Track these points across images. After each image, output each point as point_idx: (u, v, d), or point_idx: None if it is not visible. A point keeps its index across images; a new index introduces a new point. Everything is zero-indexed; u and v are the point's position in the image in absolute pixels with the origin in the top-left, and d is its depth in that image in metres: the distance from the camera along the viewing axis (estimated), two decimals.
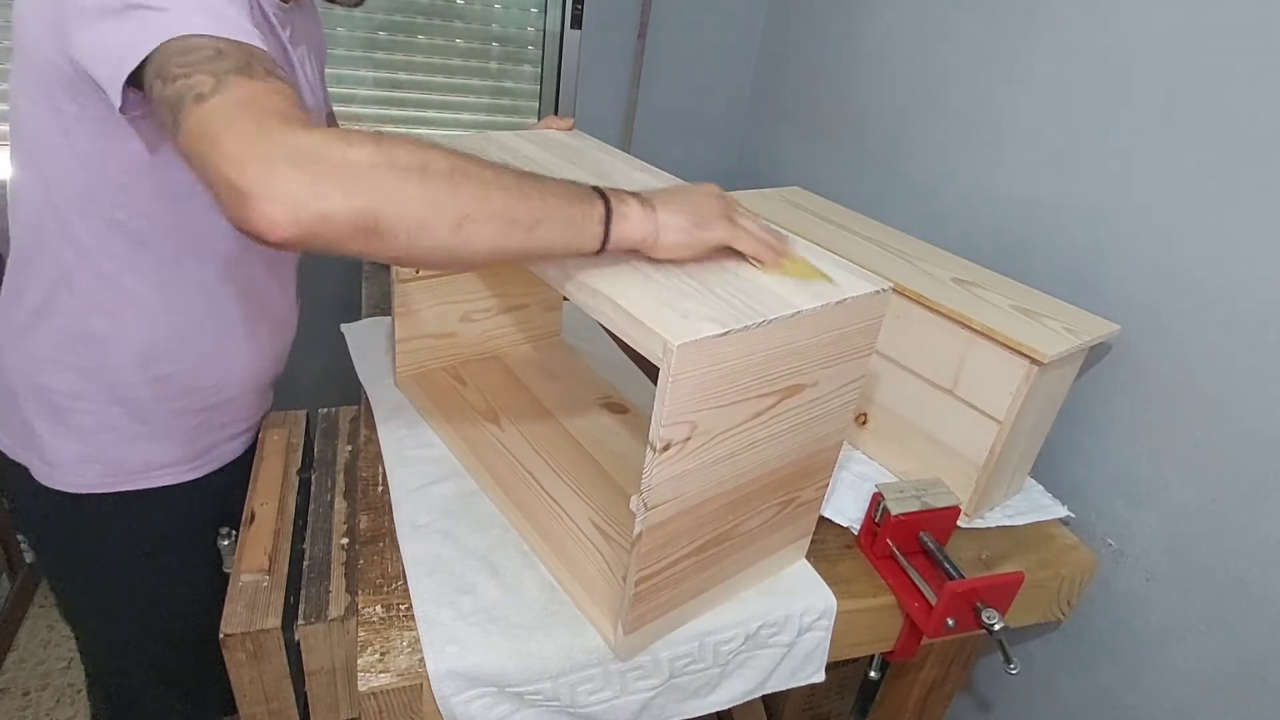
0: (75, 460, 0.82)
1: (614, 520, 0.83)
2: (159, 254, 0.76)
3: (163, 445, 0.86)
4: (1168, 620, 0.92)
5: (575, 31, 1.70)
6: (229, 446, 0.95)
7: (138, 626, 0.96)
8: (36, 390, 0.80)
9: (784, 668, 0.80)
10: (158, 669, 1.00)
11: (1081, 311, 0.93)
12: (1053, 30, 1.05)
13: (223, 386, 0.89)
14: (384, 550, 0.78)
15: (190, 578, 0.94)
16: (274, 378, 1.00)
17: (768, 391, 0.62)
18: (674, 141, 1.89)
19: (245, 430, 0.97)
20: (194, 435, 0.88)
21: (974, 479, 0.91)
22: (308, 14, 0.91)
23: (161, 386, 0.82)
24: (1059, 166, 1.05)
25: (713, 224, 0.64)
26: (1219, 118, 0.85)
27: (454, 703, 0.66)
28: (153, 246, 0.76)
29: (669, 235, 0.61)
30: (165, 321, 0.80)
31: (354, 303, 1.33)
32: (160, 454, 0.86)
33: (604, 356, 1.14)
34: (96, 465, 0.83)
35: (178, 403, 0.85)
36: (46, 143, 0.69)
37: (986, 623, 0.76)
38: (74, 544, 0.88)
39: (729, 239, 0.64)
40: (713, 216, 0.64)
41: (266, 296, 0.91)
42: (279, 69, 0.56)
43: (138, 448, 0.84)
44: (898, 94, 1.36)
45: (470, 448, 0.90)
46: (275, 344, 0.96)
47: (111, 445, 0.83)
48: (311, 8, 0.92)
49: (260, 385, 0.96)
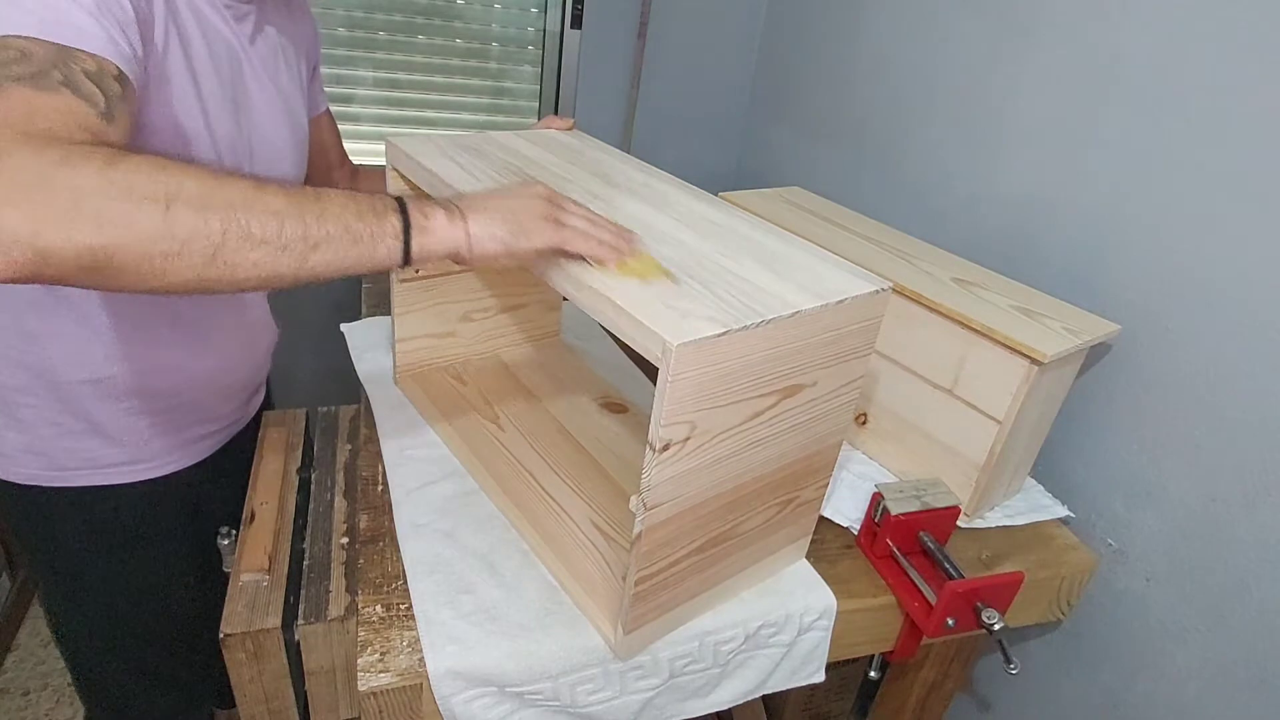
0: (20, 451, 0.83)
1: (614, 520, 0.83)
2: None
3: (109, 443, 0.85)
4: (1168, 620, 0.92)
5: (575, 31, 1.70)
6: (196, 446, 0.93)
7: (109, 620, 0.95)
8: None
9: (784, 668, 0.80)
10: (137, 663, 1.00)
11: (1081, 311, 0.93)
12: (1052, 30, 1.05)
13: (178, 390, 0.87)
14: (384, 550, 0.78)
15: (165, 573, 0.94)
16: (248, 381, 0.99)
17: (767, 391, 0.62)
18: (674, 141, 1.89)
19: (215, 431, 0.96)
20: (149, 436, 0.87)
21: (974, 479, 0.91)
22: (292, 9, 0.89)
23: (103, 388, 0.82)
24: (1059, 166, 1.05)
25: (533, 231, 0.60)
26: (1219, 118, 0.85)
27: (454, 702, 0.66)
28: None
29: (482, 246, 0.59)
30: (98, 326, 0.78)
31: (354, 303, 1.33)
32: (107, 452, 0.85)
33: (604, 356, 1.14)
34: (40, 458, 0.83)
35: (124, 403, 0.84)
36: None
37: (986, 623, 0.76)
38: (34, 536, 0.89)
39: (556, 243, 0.60)
40: (534, 220, 0.60)
41: (226, 304, 0.89)
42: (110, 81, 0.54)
43: (81, 444, 0.84)
44: (898, 94, 1.36)
45: (470, 447, 0.90)
46: (242, 349, 0.94)
47: (54, 440, 0.83)
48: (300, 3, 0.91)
49: (227, 389, 0.94)
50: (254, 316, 0.96)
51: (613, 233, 0.63)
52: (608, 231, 0.63)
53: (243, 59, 0.80)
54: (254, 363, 0.98)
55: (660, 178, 0.86)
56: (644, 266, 0.62)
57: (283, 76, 0.88)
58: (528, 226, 0.60)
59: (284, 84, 0.88)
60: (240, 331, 0.93)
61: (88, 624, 0.96)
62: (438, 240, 0.58)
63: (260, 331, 0.98)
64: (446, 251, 0.59)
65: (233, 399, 0.97)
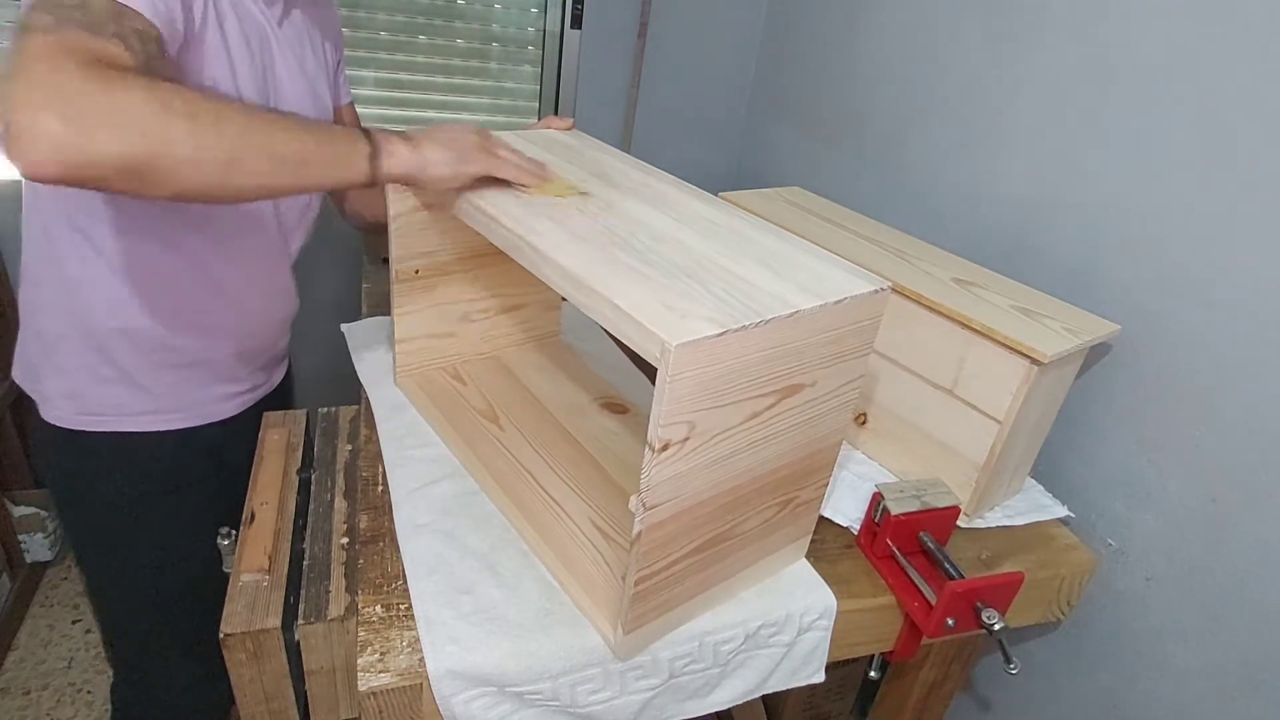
0: (59, 395, 0.89)
1: (614, 520, 0.83)
2: (123, 210, 0.81)
3: (137, 392, 0.90)
4: (1168, 620, 0.92)
5: (575, 31, 1.70)
6: (219, 406, 0.98)
7: (140, 571, 0.99)
8: (36, 330, 0.88)
9: (784, 668, 0.80)
10: (162, 619, 1.03)
11: (1081, 311, 0.93)
12: (1052, 30, 1.05)
13: (203, 347, 0.93)
14: (384, 550, 0.78)
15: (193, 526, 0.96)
16: (267, 346, 1.03)
17: (766, 391, 0.62)
18: (674, 141, 1.89)
19: (237, 394, 1.01)
20: (175, 388, 0.93)
21: (974, 479, 0.91)
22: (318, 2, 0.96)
23: (134, 337, 0.87)
24: (1059, 166, 1.05)
25: (472, 157, 0.72)
26: (1219, 118, 0.85)
27: (454, 702, 0.66)
28: (118, 204, 0.80)
29: (433, 170, 0.70)
30: (133, 277, 0.84)
31: (354, 303, 1.33)
32: (136, 400, 0.91)
33: (603, 356, 1.14)
34: (76, 401, 0.89)
35: (153, 356, 0.89)
36: None
37: (986, 623, 0.76)
38: (73, 481, 0.94)
39: (490, 169, 0.73)
40: (472, 149, 0.72)
41: (258, 266, 0.94)
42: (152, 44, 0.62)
43: (112, 390, 0.89)
44: (898, 94, 1.36)
45: (470, 447, 0.90)
46: (267, 315, 0.99)
47: (89, 386, 0.89)
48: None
49: (249, 353, 0.99)
50: (280, 284, 1.00)
51: (531, 162, 0.77)
52: (527, 162, 0.77)
53: (272, 40, 0.86)
54: (273, 328, 1.03)
55: (660, 178, 0.86)
56: (557, 187, 0.77)
57: (309, 61, 0.93)
58: (468, 155, 0.72)
59: (310, 68, 0.93)
60: (263, 296, 0.98)
61: (122, 578, 0.99)
62: (398, 162, 0.69)
63: (282, 298, 1.02)
64: (404, 172, 0.69)
65: (251, 363, 1.02)
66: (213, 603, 0.74)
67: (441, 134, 0.73)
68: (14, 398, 1.63)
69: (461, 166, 0.72)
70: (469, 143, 0.73)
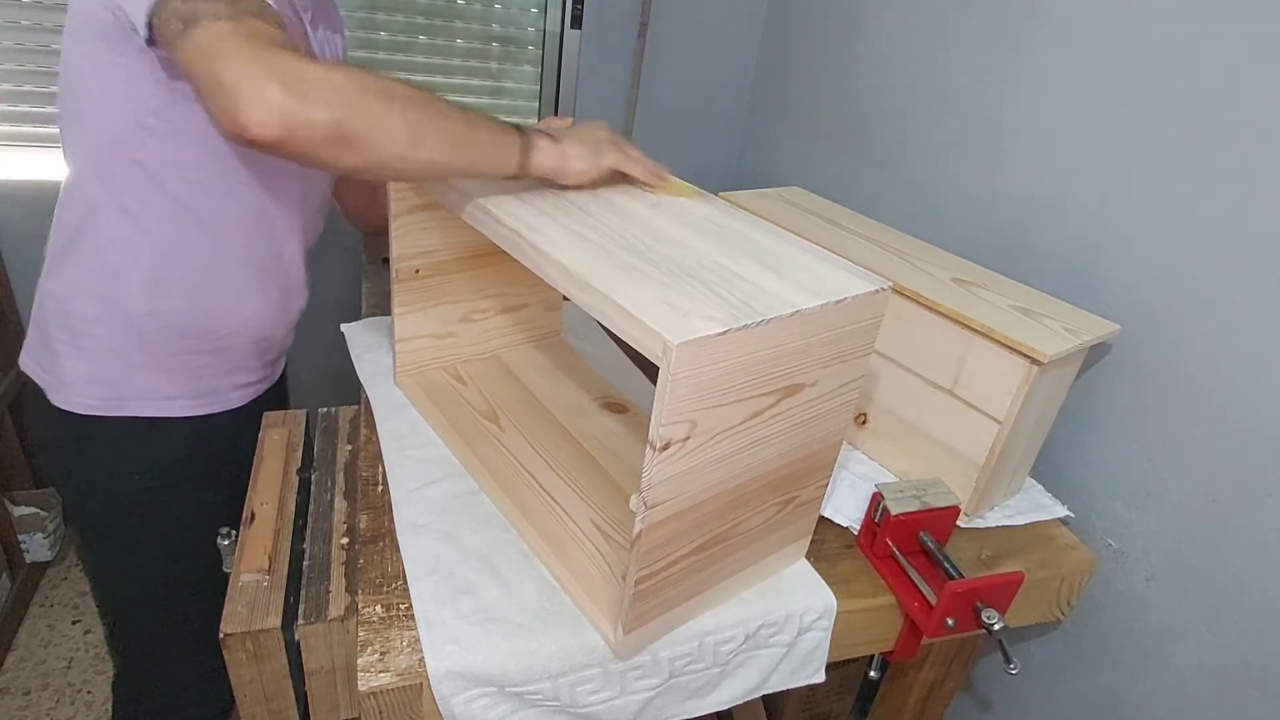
0: (83, 380, 0.89)
1: (614, 520, 0.83)
2: (175, 196, 0.84)
3: (165, 378, 0.92)
4: (1168, 620, 0.92)
5: (575, 31, 1.70)
6: (233, 394, 1.00)
7: (150, 562, 0.99)
8: (64, 314, 0.88)
9: (784, 668, 0.80)
10: (171, 612, 1.02)
11: (1081, 311, 0.93)
12: (1052, 30, 1.05)
13: (227, 334, 0.95)
14: (384, 550, 0.78)
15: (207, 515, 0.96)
16: (279, 337, 1.04)
17: (767, 391, 0.62)
18: (674, 141, 1.89)
19: (248, 383, 1.02)
20: (197, 375, 0.95)
21: (974, 479, 0.91)
22: (329, 14, 1.00)
23: (166, 323, 0.89)
24: (1058, 166, 1.05)
25: (606, 150, 0.77)
26: (1218, 118, 0.85)
27: (454, 703, 0.66)
28: (170, 189, 0.83)
29: (574, 163, 0.75)
30: (174, 262, 0.87)
31: (354, 303, 1.33)
32: (161, 386, 0.92)
33: (604, 356, 1.14)
34: (100, 386, 0.90)
35: (182, 342, 0.91)
36: (88, 91, 0.78)
37: (986, 623, 0.76)
38: (82, 469, 0.94)
39: (620, 163, 0.78)
40: (605, 144, 0.78)
41: (281, 257, 0.96)
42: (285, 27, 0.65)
43: (140, 375, 0.91)
44: (897, 94, 1.36)
45: (470, 448, 0.90)
46: (284, 306, 1.01)
47: (118, 370, 0.90)
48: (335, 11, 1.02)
49: (264, 340, 1.00)
50: (299, 275, 1.02)
51: (655, 164, 0.83)
52: (652, 162, 0.83)
53: (312, 42, 0.92)
54: (287, 320, 1.04)
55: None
56: (680, 188, 0.83)
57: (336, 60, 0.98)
58: (603, 149, 0.78)
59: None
60: (286, 289, 1.00)
61: (131, 569, 0.99)
62: (545, 157, 0.73)
63: (296, 291, 1.03)
64: (550, 168, 0.74)
65: (265, 353, 1.04)
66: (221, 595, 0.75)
67: (579, 132, 0.78)
68: (14, 397, 1.62)
69: (599, 159, 0.76)
70: (602, 138, 0.78)
